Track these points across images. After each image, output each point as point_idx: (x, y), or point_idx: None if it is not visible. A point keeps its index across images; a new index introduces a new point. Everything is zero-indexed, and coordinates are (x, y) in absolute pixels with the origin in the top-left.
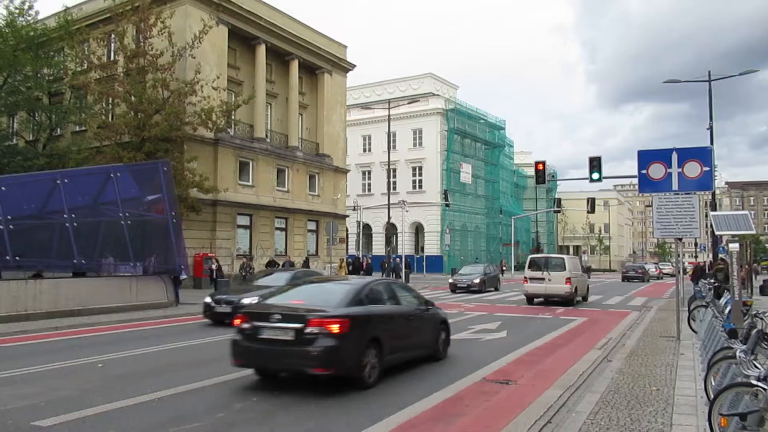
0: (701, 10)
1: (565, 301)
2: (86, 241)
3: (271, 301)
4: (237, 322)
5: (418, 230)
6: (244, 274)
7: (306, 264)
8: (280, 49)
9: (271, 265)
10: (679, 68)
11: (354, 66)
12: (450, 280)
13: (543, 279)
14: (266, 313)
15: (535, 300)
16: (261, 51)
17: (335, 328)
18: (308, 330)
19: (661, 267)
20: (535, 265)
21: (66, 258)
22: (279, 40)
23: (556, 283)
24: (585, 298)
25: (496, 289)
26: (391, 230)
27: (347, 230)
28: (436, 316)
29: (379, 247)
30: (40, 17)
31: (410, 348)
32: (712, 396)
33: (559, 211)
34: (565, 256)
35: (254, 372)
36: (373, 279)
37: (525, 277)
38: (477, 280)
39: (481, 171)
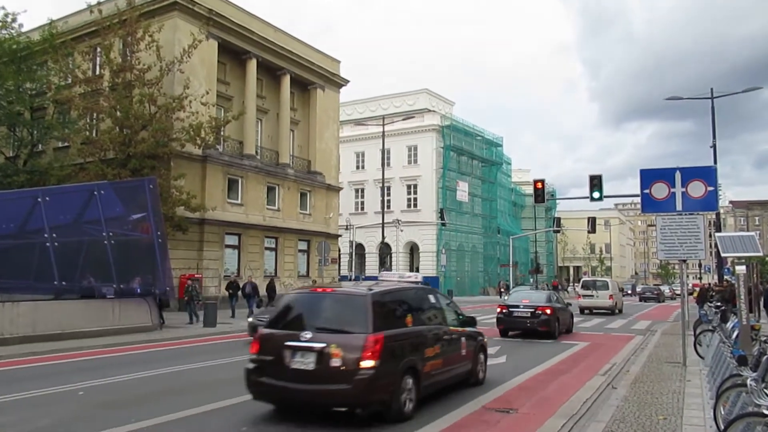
0: (703, 28)
1: (609, 310)
2: (68, 261)
3: (512, 299)
4: (499, 310)
5: (413, 250)
6: (187, 299)
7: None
8: (271, 63)
9: (232, 287)
10: (683, 86)
11: (347, 81)
12: (250, 320)
13: (592, 296)
14: (515, 305)
15: (585, 311)
16: (252, 66)
17: (548, 311)
18: (537, 312)
19: (674, 288)
20: (586, 286)
21: (46, 279)
22: (270, 55)
23: (602, 299)
24: (620, 310)
25: None
26: (385, 250)
27: (339, 250)
28: (570, 309)
29: (372, 268)
30: (24, 30)
31: (564, 324)
32: (722, 426)
33: (558, 231)
34: (608, 280)
35: (499, 333)
36: (549, 291)
37: (578, 294)
38: None
39: (478, 189)
